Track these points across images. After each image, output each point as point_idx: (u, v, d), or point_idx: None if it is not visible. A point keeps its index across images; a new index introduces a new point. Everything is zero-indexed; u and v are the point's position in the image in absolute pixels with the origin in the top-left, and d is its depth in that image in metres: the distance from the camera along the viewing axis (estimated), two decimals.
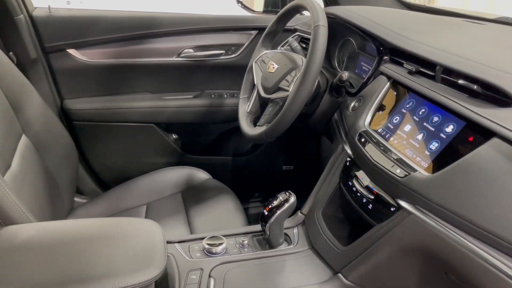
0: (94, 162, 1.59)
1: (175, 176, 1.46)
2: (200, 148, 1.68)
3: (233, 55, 1.56)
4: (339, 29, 1.27)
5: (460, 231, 0.67)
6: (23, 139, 1.13)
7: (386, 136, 0.89)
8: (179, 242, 0.95)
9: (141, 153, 1.61)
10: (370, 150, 0.87)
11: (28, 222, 0.87)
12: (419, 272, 0.77)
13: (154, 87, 1.56)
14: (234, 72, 1.52)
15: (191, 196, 1.37)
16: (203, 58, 1.55)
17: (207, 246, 0.92)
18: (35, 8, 1.41)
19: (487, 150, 0.66)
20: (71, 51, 1.44)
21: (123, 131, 1.54)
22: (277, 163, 1.74)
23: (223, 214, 1.28)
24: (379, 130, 0.91)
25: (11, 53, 1.34)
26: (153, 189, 1.41)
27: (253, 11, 1.68)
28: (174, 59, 1.53)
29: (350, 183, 0.93)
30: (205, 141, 1.68)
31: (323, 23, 1.00)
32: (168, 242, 0.95)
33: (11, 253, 0.76)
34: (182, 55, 1.53)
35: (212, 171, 1.49)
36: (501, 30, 1.15)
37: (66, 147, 1.34)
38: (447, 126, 0.77)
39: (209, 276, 0.85)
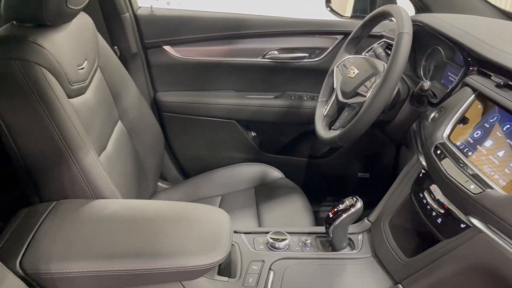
0: (179, 151, 1.71)
1: (250, 171, 1.52)
2: (276, 147, 1.72)
3: (316, 59, 1.58)
4: (427, 37, 1.23)
5: None
6: (119, 125, 1.26)
7: (465, 150, 0.85)
8: (245, 233, 1.00)
9: (221, 147, 1.69)
10: (445, 163, 0.84)
11: (115, 198, 0.97)
12: None
13: (238, 86, 1.63)
14: (316, 75, 1.54)
15: (263, 192, 1.42)
16: (287, 60, 1.58)
17: (270, 240, 0.96)
18: (139, 7, 1.56)
19: None
20: (167, 47, 1.57)
21: (207, 125, 1.64)
22: (352, 169, 1.73)
23: (292, 212, 1.31)
24: (457, 144, 0.88)
25: (115, 47, 1.50)
26: (229, 182, 1.48)
27: (341, 16, 1.68)
28: (259, 59, 1.59)
29: (421, 194, 0.91)
30: (282, 141, 1.72)
31: (407, 30, 0.98)
32: (235, 232, 1.00)
33: (98, 223, 0.86)
34: (267, 56, 1.58)
35: (285, 171, 1.53)
36: None
37: (155, 135, 1.46)
38: None
39: (270, 269, 0.89)
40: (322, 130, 1.20)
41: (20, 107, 0.90)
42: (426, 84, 1.02)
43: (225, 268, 0.91)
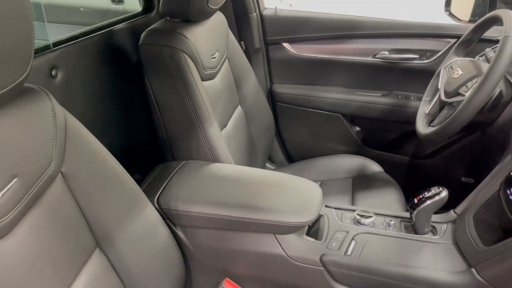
0: (287, 138, 1.88)
1: (350, 162, 1.63)
2: (378, 144, 1.79)
3: (426, 60, 1.62)
4: None
5: None
6: (238, 108, 1.48)
7: None
8: (335, 208, 1.13)
9: (326, 137, 1.82)
10: None
11: (229, 164, 1.19)
12: None
13: (347, 82, 1.75)
14: (425, 77, 1.58)
15: (361, 182, 1.52)
16: (397, 60, 1.65)
17: (357, 217, 1.07)
18: (265, 8, 1.77)
19: None
20: (285, 44, 1.75)
21: (315, 116, 1.79)
22: (456, 173, 1.72)
23: (385, 202, 1.38)
24: None
25: (242, 42, 1.73)
26: (329, 170, 1.61)
27: (459, 19, 1.69)
28: (370, 59, 1.68)
29: (508, 191, 0.94)
30: (385, 138, 1.78)
31: None
32: (326, 206, 1.14)
33: (214, 179, 1.08)
34: (377, 56, 1.67)
35: (385, 167, 1.60)
36: None
37: (268, 121, 1.65)
38: None
39: (352, 239, 1.01)
40: (421, 127, 1.27)
41: (166, 84, 1.15)
42: None
43: (313, 232, 1.05)
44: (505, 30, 1.03)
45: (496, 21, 1.18)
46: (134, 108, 1.32)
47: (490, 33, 1.33)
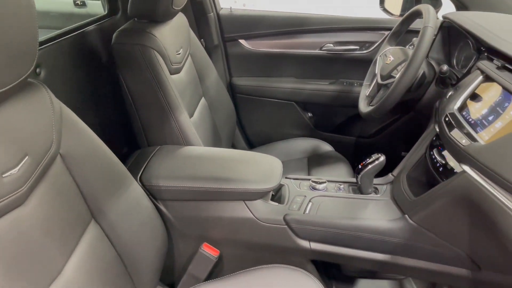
0: (247, 126, 2.06)
1: (305, 144, 1.82)
2: (328, 126, 2.01)
3: (365, 51, 1.84)
4: (460, 32, 1.45)
5: (499, 186, 0.85)
6: (202, 100, 1.63)
7: (467, 118, 1.09)
8: (294, 178, 1.31)
9: (282, 123, 2.02)
10: (450, 127, 1.09)
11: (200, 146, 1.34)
12: (468, 220, 0.98)
13: (298, 73, 1.94)
14: (366, 65, 1.79)
15: (315, 161, 1.72)
16: (341, 52, 1.87)
17: (313, 183, 1.26)
18: (221, 8, 1.93)
19: None
20: (242, 41, 1.93)
21: (271, 105, 1.97)
22: (397, 149, 1.95)
23: (336, 176, 1.58)
24: (463, 113, 1.12)
25: (202, 39, 1.88)
26: (287, 152, 1.80)
27: (392, 14, 1.92)
28: (317, 51, 1.88)
29: (432, 153, 1.16)
30: (334, 121, 2.00)
31: (431, 24, 1.23)
32: (286, 177, 1.32)
33: (189, 158, 1.23)
34: (323, 49, 1.87)
35: (335, 146, 1.81)
36: None
37: (229, 111, 1.82)
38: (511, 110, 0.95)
39: (309, 201, 1.19)
40: (363, 107, 1.48)
41: (139, 78, 1.29)
42: (444, 67, 1.25)
43: (277, 198, 1.23)
44: (424, 22, 1.25)
45: (418, 14, 1.40)
46: (110, 101, 1.45)
47: (417, 25, 1.55)
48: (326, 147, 1.79)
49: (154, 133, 1.34)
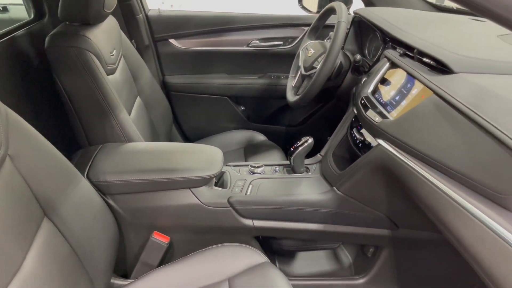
0: (183, 122, 2.13)
1: (240, 136, 1.94)
2: (260, 118, 2.14)
3: (289, 46, 2.00)
4: (369, 26, 1.64)
5: (406, 153, 1.02)
6: (138, 99, 1.68)
7: (379, 99, 1.26)
8: (233, 165, 1.42)
9: (217, 118, 2.12)
10: (365, 108, 1.26)
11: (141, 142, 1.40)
12: (385, 184, 1.15)
13: (229, 69, 2.05)
14: (290, 59, 1.94)
15: (251, 150, 1.84)
16: (266, 47, 2.00)
17: (251, 168, 1.38)
18: (150, 9, 1.98)
19: (426, 102, 1.02)
20: (172, 40, 1.99)
21: (205, 100, 2.06)
22: (323, 134, 2.13)
23: (271, 161, 1.72)
24: (376, 95, 1.29)
25: (132, 40, 1.92)
26: (224, 144, 1.90)
27: (310, 11, 2.09)
28: (244, 48, 2.00)
29: (352, 132, 1.32)
30: (266, 113, 2.14)
31: (344, 19, 1.39)
32: (226, 165, 1.42)
33: (133, 153, 1.29)
34: (250, 45, 2.00)
35: (268, 135, 1.94)
36: (491, 25, 1.45)
37: (165, 109, 1.88)
38: (413, 90, 1.13)
39: (250, 184, 1.31)
40: (290, 97, 1.62)
41: (76, 80, 1.31)
42: (357, 57, 1.43)
43: (220, 184, 1.33)
44: (337, 17, 1.41)
45: (333, 11, 1.57)
46: (47, 104, 1.45)
47: (332, 20, 1.72)
48: (260, 137, 1.92)
49: (95, 132, 1.37)
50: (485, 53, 1.10)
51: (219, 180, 1.35)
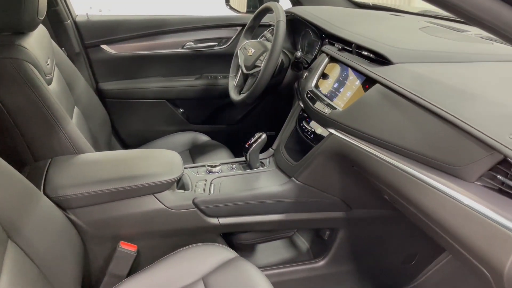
0: (122, 129, 2.07)
1: (183, 138, 1.94)
2: (201, 119, 2.16)
3: (223, 46, 2.04)
4: (300, 23, 1.74)
5: (355, 137, 1.11)
6: (75, 108, 1.61)
7: (324, 92, 1.36)
8: (190, 167, 1.43)
9: (157, 122, 2.09)
10: (313, 101, 1.34)
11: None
12: (339, 170, 1.25)
13: (164, 72, 2.04)
14: (225, 59, 1.99)
15: (196, 151, 1.85)
16: (201, 49, 2.02)
17: (209, 168, 1.40)
18: (77, 15, 1.89)
19: (372, 91, 1.12)
20: (104, 46, 1.93)
21: (143, 106, 2.03)
22: (262, 130, 2.21)
23: (219, 159, 1.75)
24: (320, 89, 1.39)
25: (62, 48, 1.82)
26: (168, 147, 1.87)
27: (238, 11, 2.15)
28: (179, 50, 2.00)
29: (301, 124, 1.41)
30: (205, 113, 2.16)
31: (282, 19, 1.47)
32: (184, 168, 1.43)
33: (88, 164, 1.24)
34: (185, 47, 2.01)
35: (211, 135, 1.97)
36: (410, 19, 1.63)
37: (102, 117, 1.81)
38: (356, 81, 1.23)
39: (211, 183, 1.33)
40: (234, 96, 1.66)
41: (16, 93, 1.23)
42: (298, 53, 1.51)
43: (182, 186, 1.33)
44: (276, 16, 1.48)
45: (268, 10, 1.64)
46: None
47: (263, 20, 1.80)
48: (203, 138, 1.94)
49: (41, 147, 1.30)
50: (417, 45, 1.24)
51: (179, 183, 1.35)
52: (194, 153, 1.84)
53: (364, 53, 1.24)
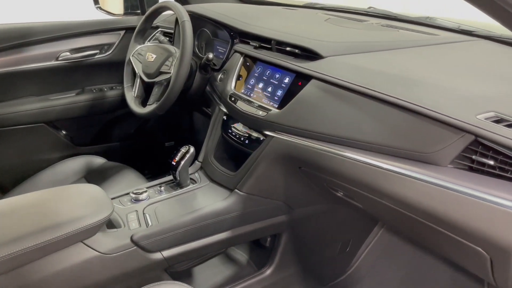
0: None
1: (74, 165, 1.63)
2: (89, 138, 1.87)
3: (106, 54, 1.79)
4: (195, 22, 1.62)
5: (302, 137, 1.05)
6: None
7: (248, 94, 1.28)
8: (112, 198, 1.20)
9: (36, 151, 1.73)
10: (239, 105, 1.25)
11: None
12: (284, 173, 1.19)
13: (37, 91, 1.70)
14: (109, 68, 1.75)
15: (95, 178, 1.58)
16: (80, 59, 1.74)
17: (134, 196, 1.20)
18: None
19: (309, 87, 1.08)
20: None
21: (15, 134, 1.65)
22: (160, 141, 2.03)
23: (130, 182, 1.52)
24: (242, 91, 1.30)
25: None
26: (57, 179, 1.57)
27: (114, 14, 1.91)
28: (53, 62, 1.69)
29: (230, 130, 1.30)
30: (93, 132, 1.87)
31: (187, 18, 1.33)
32: None
33: None
34: (60, 59, 1.70)
35: (106, 156, 1.71)
36: (307, 12, 1.65)
37: None
38: (285, 79, 1.18)
39: (143, 213, 1.14)
40: (137, 109, 1.46)
41: None
42: (210, 55, 1.40)
43: (111, 224, 1.11)
44: (180, 17, 1.33)
45: (163, 10, 1.47)
46: None
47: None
48: (98, 160, 1.67)
49: None
50: (339, 37, 1.25)
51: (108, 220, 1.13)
52: (92, 180, 1.57)
53: (288, 49, 1.19)
